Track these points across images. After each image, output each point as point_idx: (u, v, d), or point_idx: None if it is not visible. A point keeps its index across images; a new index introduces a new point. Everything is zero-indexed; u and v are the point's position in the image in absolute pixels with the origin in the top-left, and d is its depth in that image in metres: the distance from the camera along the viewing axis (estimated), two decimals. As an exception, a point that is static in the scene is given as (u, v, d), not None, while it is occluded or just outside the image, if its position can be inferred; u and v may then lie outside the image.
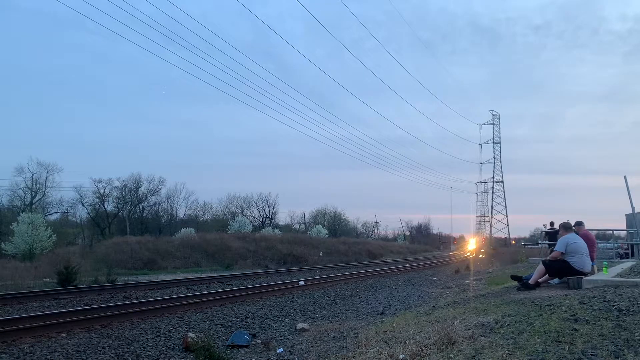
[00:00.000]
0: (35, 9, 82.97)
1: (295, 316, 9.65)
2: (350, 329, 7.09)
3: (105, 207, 50.41)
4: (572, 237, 7.07)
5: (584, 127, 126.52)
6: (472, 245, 45.42)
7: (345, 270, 23.52)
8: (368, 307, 10.73)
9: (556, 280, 7.17)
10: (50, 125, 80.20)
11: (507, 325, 3.98)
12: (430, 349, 3.69)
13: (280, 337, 7.48)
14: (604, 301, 4.53)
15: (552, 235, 16.34)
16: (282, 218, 70.62)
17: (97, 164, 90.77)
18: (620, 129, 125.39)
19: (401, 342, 4.25)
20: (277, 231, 48.90)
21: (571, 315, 4.03)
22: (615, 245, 20.86)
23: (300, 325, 8.10)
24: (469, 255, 35.60)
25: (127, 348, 6.35)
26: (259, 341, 7.15)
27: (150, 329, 7.39)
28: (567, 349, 3.03)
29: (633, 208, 13.83)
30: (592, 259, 7.87)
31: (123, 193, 51.47)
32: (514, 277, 8.04)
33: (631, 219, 14.82)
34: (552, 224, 16.99)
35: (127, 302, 10.03)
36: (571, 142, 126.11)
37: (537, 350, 3.04)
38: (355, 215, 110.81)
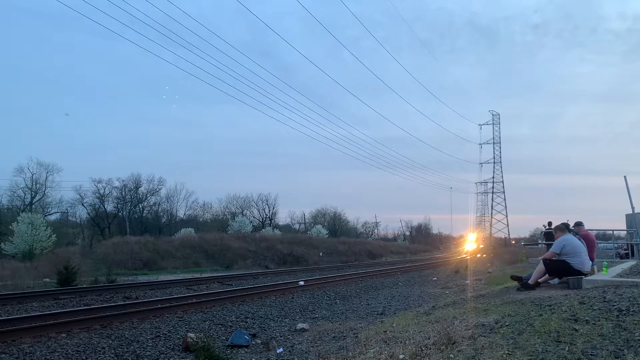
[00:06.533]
0: (34, 9, 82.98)
1: (295, 316, 9.65)
2: (350, 329, 7.09)
3: (105, 207, 50.50)
4: (567, 239, 7.09)
5: (584, 127, 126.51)
6: (470, 245, 45.13)
7: (345, 271, 23.51)
8: (368, 307, 10.73)
9: (556, 280, 7.17)
10: (50, 125, 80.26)
11: (507, 325, 3.98)
12: (430, 349, 3.69)
13: (280, 337, 7.47)
14: (604, 301, 4.53)
15: (549, 235, 16.36)
16: (282, 218, 70.71)
17: (97, 164, 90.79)
18: (620, 129, 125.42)
19: (401, 342, 4.25)
20: (277, 231, 48.90)
21: (571, 315, 4.03)
22: (615, 245, 20.86)
23: (300, 326, 8.09)
24: (466, 257, 35.48)
25: (127, 348, 6.35)
26: (259, 341, 7.15)
27: (150, 329, 7.39)
28: (567, 349, 3.03)
29: (633, 208, 13.83)
30: (592, 259, 7.87)
31: (123, 193, 51.57)
32: (513, 277, 8.04)
33: (631, 219, 14.83)
34: (550, 224, 17.01)
35: (127, 302, 10.03)
36: (571, 142, 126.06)
37: (537, 350, 3.04)
38: (355, 215, 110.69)
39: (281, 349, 6.36)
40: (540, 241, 27.42)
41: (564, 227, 7.48)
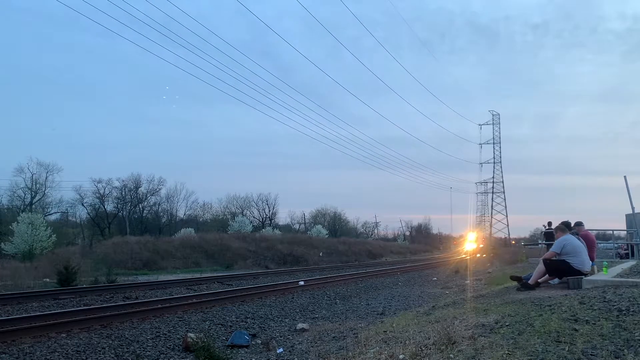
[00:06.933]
0: (34, 9, 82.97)
1: (295, 316, 9.65)
2: (350, 329, 7.09)
3: (105, 207, 50.49)
4: (568, 238, 7.09)
5: (584, 127, 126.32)
6: (470, 245, 44.98)
7: (345, 271, 23.51)
8: (368, 307, 10.73)
9: (556, 280, 7.17)
10: (50, 125, 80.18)
11: (507, 325, 3.98)
12: (430, 349, 3.69)
13: (280, 337, 7.48)
14: (604, 301, 4.53)
15: (549, 235, 16.37)
16: (282, 218, 70.66)
17: (97, 164, 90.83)
18: (620, 129, 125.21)
19: (401, 342, 4.25)
20: (277, 231, 48.88)
21: (571, 316, 4.03)
22: (615, 245, 20.86)
23: (300, 326, 8.10)
24: (466, 257, 35.43)
25: (127, 348, 6.35)
26: (259, 341, 7.16)
27: (150, 329, 7.39)
28: (567, 349, 3.03)
29: (633, 208, 13.83)
30: (592, 259, 7.87)
31: (123, 193, 51.57)
32: (513, 278, 8.04)
33: (631, 219, 14.84)
34: (549, 224, 17.02)
35: (127, 302, 10.03)
36: (571, 142, 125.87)
37: (537, 351, 3.04)
38: (355, 215, 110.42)
39: (281, 349, 6.36)
40: (540, 241, 27.42)
41: (565, 227, 7.47)
